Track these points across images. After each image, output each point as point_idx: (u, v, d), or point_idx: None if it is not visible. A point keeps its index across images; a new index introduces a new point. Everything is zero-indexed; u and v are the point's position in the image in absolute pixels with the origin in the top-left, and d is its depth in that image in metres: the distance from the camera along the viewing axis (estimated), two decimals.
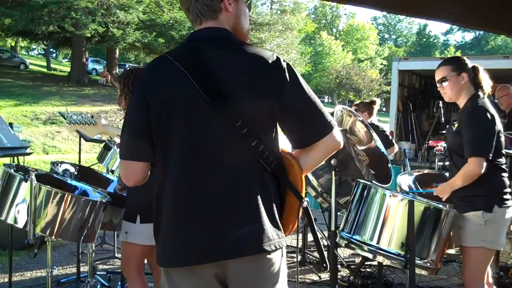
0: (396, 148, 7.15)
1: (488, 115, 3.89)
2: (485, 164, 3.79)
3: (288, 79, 2.24)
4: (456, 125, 4.03)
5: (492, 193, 3.90)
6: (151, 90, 2.25)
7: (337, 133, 2.30)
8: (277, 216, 2.26)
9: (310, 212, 2.39)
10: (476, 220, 3.86)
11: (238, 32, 2.36)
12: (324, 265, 2.51)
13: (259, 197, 2.20)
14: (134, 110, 2.29)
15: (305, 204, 2.28)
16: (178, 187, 2.22)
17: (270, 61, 2.23)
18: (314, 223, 2.44)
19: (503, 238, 4.00)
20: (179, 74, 2.20)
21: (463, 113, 4.00)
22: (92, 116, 3.51)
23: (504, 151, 4.07)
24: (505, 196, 3.92)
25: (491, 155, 3.81)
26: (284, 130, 2.32)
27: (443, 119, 7.36)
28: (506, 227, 4.02)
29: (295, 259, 7.01)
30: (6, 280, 5.24)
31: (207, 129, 2.20)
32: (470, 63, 4.08)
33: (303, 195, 2.31)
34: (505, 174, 3.99)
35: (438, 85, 4.09)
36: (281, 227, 2.27)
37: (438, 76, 4.07)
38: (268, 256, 2.22)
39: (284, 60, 2.27)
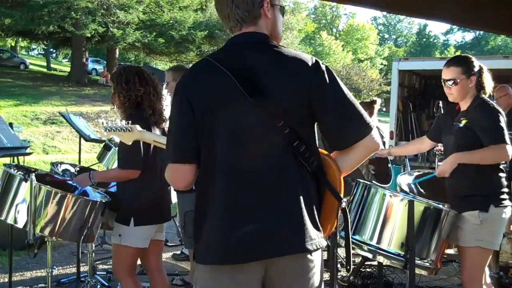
0: None
1: (500, 110, 3.94)
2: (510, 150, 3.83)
3: (328, 81, 2.29)
4: (463, 121, 4.01)
5: (488, 193, 3.90)
6: (194, 92, 2.28)
7: (376, 134, 2.34)
8: (317, 217, 2.32)
9: (348, 213, 2.42)
10: (472, 220, 3.87)
11: (275, 37, 2.43)
12: (348, 267, 2.53)
13: (301, 197, 2.26)
14: (178, 113, 2.31)
15: (343, 204, 2.34)
16: (225, 186, 2.25)
17: (310, 64, 2.30)
18: (349, 224, 2.50)
19: (500, 238, 4.00)
20: (221, 75, 2.25)
21: (474, 109, 3.98)
22: (128, 123, 3.48)
23: None
24: (502, 196, 3.93)
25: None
26: (323, 131, 2.36)
27: None
28: (503, 227, 4.02)
29: None
30: (6, 280, 5.24)
31: (250, 129, 2.25)
32: (477, 65, 4.07)
33: (342, 195, 2.37)
34: (502, 174, 4.00)
35: (444, 84, 4.07)
36: (320, 228, 2.33)
37: (446, 76, 4.05)
38: (309, 255, 2.28)
39: (322, 63, 2.33)
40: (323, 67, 2.31)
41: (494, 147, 3.83)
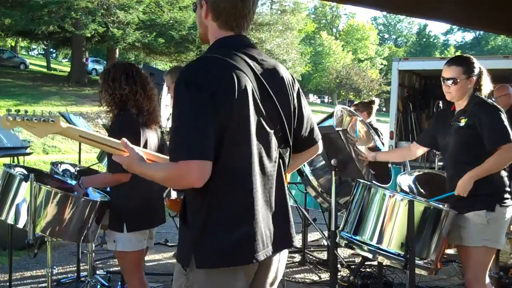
0: None
1: (500, 108, 3.98)
2: None
3: (302, 93, 2.57)
4: (463, 120, 4.02)
5: (493, 192, 3.91)
6: (219, 88, 2.19)
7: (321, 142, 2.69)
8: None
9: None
10: (478, 220, 3.87)
11: None
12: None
13: (287, 196, 2.49)
14: (202, 108, 2.15)
15: None
16: (246, 185, 2.27)
17: (290, 75, 2.55)
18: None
19: (503, 237, 4.02)
20: (241, 75, 2.25)
21: (474, 108, 4.00)
22: (50, 112, 2.90)
23: None
24: (505, 195, 3.95)
25: None
26: (295, 135, 2.54)
27: None
28: (506, 226, 4.03)
29: (295, 259, 7.01)
30: (7, 279, 5.24)
31: (262, 131, 2.33)
32: (478, 66, 4.09)
33: None
34: (504, 173, 4.01)
35: (443, 82, 4.09)
36: None
37: (446, 75, 4.06)
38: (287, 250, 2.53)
39: None
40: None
41: (504, 148, 3.86)
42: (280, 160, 2.42)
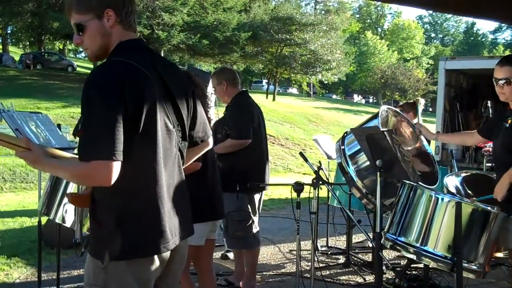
0: None
1: None
2: None
3: (194, 91, 2.81)
4: (509, 121, 3.94)
5: None
6: (129, 91, 2.28)
7: None
8: None
9: None
10: None
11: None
12: None
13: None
14: (114, 110, 2.23)
15: None
16: (165, 180, 2.47)
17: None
18: None
19: None
20: (147, 77, 2.40)
21: None
22: None
23: None
24: None
25: None
26: (189, 132, 2.80)
27: None
28: None
29: (339, 261, 6.97)
30: (55, 277, 5.34)
31: (171, 129, 2.52)
32: None
33: None
34: None
35: (496, 83, 4.00)
36: None
37: (499, 75, 3.97)
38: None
39: None
40: None
41: None
42: (179, 154, 2.61)
